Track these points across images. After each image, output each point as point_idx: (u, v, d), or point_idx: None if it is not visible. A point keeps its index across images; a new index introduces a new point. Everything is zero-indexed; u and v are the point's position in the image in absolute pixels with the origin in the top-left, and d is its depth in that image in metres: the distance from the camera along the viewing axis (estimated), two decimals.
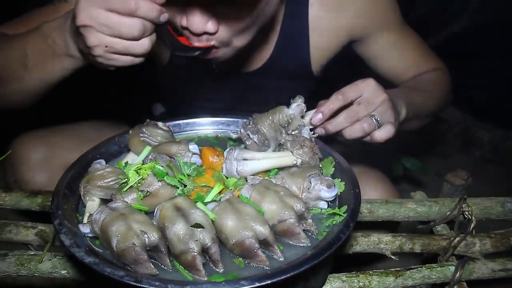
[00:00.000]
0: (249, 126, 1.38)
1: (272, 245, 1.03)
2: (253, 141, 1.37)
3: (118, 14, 1.11)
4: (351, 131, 1.33)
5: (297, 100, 1.37)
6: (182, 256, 0.99)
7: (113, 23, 1.11)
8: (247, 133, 1.38)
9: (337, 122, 1.33)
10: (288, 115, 1.35)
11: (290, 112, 1.35)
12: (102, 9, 1.10)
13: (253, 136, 1.37)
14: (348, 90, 1.34)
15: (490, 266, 1.31)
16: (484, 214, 1.47)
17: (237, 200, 1.11)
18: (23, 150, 1.81)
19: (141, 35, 1.15)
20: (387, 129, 1.33)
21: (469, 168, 1.65)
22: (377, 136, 1.33)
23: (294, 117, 1.35)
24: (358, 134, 1.32)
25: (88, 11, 1.11)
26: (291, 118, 1.35)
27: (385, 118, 1.35)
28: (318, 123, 1.35)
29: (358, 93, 1.33)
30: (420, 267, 1.27)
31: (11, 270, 1.21)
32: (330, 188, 1.16)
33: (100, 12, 1.10)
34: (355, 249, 1.35)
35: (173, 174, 1.18)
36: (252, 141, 1.37)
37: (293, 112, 1.35)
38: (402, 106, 1.46)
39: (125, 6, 1.10)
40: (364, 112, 1.32)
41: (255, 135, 1.36)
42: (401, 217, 1.45)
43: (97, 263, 0.94)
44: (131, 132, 1.41)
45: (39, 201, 1.44)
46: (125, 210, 1.06)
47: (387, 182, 1.88)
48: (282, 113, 1.36)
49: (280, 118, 1.36)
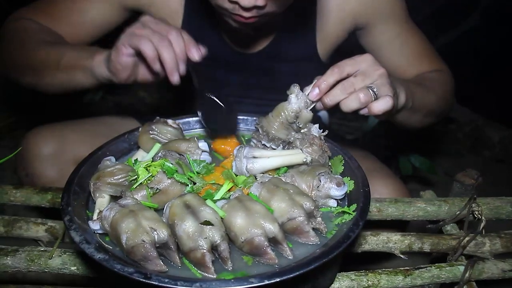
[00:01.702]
0: (259, 134, 1.37)
1: (281, 243, 1.03)
2: (271, 147, 1.36)
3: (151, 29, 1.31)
4: (348, 102, 1.27)
5: (293, 91, 1.33)
6: (191, 254, 0.99)
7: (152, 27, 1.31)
8: (262, 143, 1.37)
9: (333, 94, 1.29)
10: (293, 110, 1.33)
11: (294, 107, 1.33)
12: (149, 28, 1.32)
13: (269, 144, 1.35)
14: (344, 63, 1.31)
15: (500, 266, 1.30)
16: (494, 214, 1.46)
17: (246, 197, 1.10)
18: (35, 144, 1.82)
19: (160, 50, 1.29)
20: (385, 100, 1.26)
21: (479, 168, 1.64)
22: (374, 107, 1.27)
23: (300, 110, 1.34)
24: (355, 104, 1.27)
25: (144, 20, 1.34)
26: (297, 112, 1.34)
27: (382, 91, 1.30)
28: (315, 98, 1.32)
29: (355, 67, 1.30)
30: (430, 266, 1.26)
31: (21, 266, 1.22)
32: (340, 187, 1.16)
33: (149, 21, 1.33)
34: (364, 248, 1.35)
35: (183, 172, 1.19)
36: (270, 149, 1.36)
37: (296, 106, 1.33)
38: (401, 91, 1.43)
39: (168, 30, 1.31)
40: (360, 84, 1.28)
41: (270, 142, 1.35)
42: (410, 216, 1.45)
43: (107, 260, 0.95)
44: (141, 129, 1.41)
45: (49, 197, 1.45)
46: (135, 207, 1.06)
47: (397, 180, 1.87)
48: (286, 111, 1.34)
49: (287, 116, 1.34)
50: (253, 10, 1.44)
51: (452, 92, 1.89)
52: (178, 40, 1.30)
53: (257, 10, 1.44)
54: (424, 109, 1.66)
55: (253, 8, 1.43)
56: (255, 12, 1.44)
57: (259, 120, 1.40)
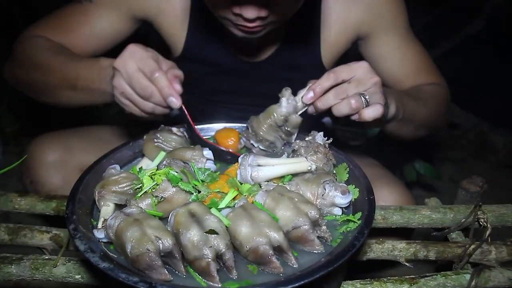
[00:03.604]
0: (249, 133, 1.39)
1: (286, 251, 1.02)
2: (259, 148, 1.38)
3: (143, 74, 1.30)
4: (339, 107, 1.31)
5: (285, 94, 1.38)
6: (196, 262, 0.99)
7: (135, 78, 1.30)
8: (251, 142, 1.39)
9: (326, 99, 1.32)
10: (283, 114, 1.37)
11: (283, 110, 1.36)
12: (135, 64, 1.30)
13: (257, 144, 1.38)
14: (340, 69, 1.33)
15: (506, 275, 1.30)
16: (500, 221, 1.45)
17: (251, 206, 1.10)
18: (40, 151, 1.83)
19: (149, 98, 1.32)
20: (375, 108, 1.29)
21: (484, 174, 1.64)
22: (365, 114, 1.30)
23: (289, 114, 1.36)
24: (346, 110, 1.30)
25: (126, 60, 1.31)
26: (286, 116, 1.36)
27: (374, 98, 1.33)
28: (309, 101, 1.35)
29: (350, 73, 1.33)
30: (435, 274, 1.25)
31: (25, 274, 1.22)
32: (345, 195, 1.16)
33: (131, 66, 1.30)
34: (369, 256, 1.34)
35: (188, 180, 1.18)
36: (258, 149, 1.38)
37: (286, 110, 1.36)
38: (392, 102, 1.45)
39: (151, 72, 1.30)
40: (353, 90, 1.31)
41: (258, 142, 1.37)
42: (415, 224, 1.44)
43: (112, 269, 0.95)
44: (145, 137, 1.41)
45: (54, 205, 1.45)
46: (140, 215, 1.06)
47: (402, 186, 1.86)
48: (275, 114, 1.38)
49: (276, 119, 1.38)
50: (257, 21, 1.45)
51: (446, 106, 1.89)
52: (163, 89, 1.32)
53: (261, 20, 1.46)
54: (416, 121, 1.67)
55: (257, 19, 1.44)
56: (259, 22, 1.46)
57: (251, 119, 1.42)
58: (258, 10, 1.41)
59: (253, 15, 1.41)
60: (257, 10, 1.41)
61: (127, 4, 1.79)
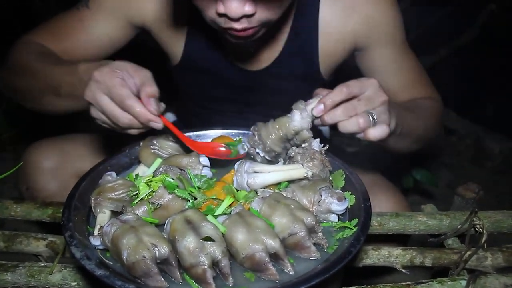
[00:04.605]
0: (256, 141, 1.38)
1: (283, 258, 1.02)
2: (264, 158, 1.37)
3: (115, 104, 1.25)
4: (346, 124, 1.30)
5: (299, 107, 1.35)
6: (192, 269, 0.99)
7: (108, 110, 1.26)
8: (256, 151, 1.38)
9: (334, 114, 1.31)
10: (295, 129, 1.35)
11: (297, 125, 1.34)
12: (105, 96, 1.25)
13: (263, 154, 1.37)
14: (353, 84, 1.32)
15: (502, 281, 1.29)
16: (496, 227, 1.45)
17: (247, 213, 1.10)
18: (36, 158, 1.83)
19: (127, 127, 1.29)
20: (382, 128, 1.30)
21: (480, 180, 1.65)
22: (371, 133, 1.30)
23: (302, 130, 1.35)
24: (353, 128, 1.30)
25: (95, 93, 1.26)
26: (297, 131, 1.35)
27: (381, 118, 1.33)
28: (319, 114, 1.34)
29: (361, 89, 1.32)
30: (431, 281, 1.25)
31: (21, 282, 1.21)
32: (341, 201, 1.16)
33: (103, 98, 1.25)
34: (366, 262, 1.34)
35: (184, 187, 1.19)
36: (263, 158, 1.38)
37: (299, 125, 1.34)
38: (393, 117, 1.45)
39: (122, 102, 1.24)
40: (362, 108, 1.30)
41: (265, 152, 1.36)
42: (412, 230, 1.44)
43: (108, 276, 0.95)
44: (142, 144, 1.41)
45: (50, 212, 1.45)
46: (136, 222, 1.06)
47: (398, 193, 1.87)
48: (287, 127, 1.35)
49: (287, 132, 1.36)
50: (243, 20, 1.38)
51: (440, 120, 1.90)
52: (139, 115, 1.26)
53: (247, 19, 1.39)
54: (412, 135, 1.67)
55: (242, 17, 1.38)
56: (246, 21, 1.39)
57: (258, 126, 1.40)
58: (242, 6, 1.33)
59: (237, 13, 1.34)
60: (241, 5, 1.33)
61: (124, 11, 1.78)
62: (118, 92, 1.24)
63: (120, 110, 1.25)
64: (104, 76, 1.25)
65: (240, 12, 1.33)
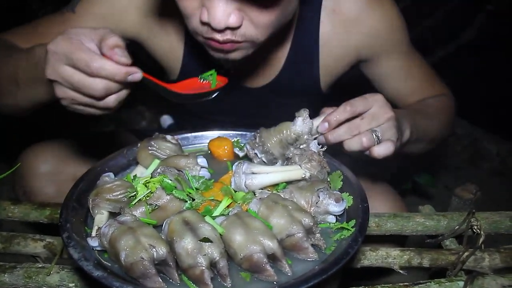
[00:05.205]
0: (256, 143, 1.38)
1: (280, 259, 1.02)
2: (262, 160, 1.37)
3: (81, 72, 1.11)
4: (350, 144, 1.32)
5: (302, 114, 1.36)
6: (190, 270, 0.99)
7: (76, 81, 1.11)
8: (254, 152, 1.39)
9: (338, 133, 1.32)
10: (296, 133, 1.35)
11: (298, 129, 1.35)
12: (68, 66, 1.11)
13: (261, 156, 1.37)
14: (357, 102, 1.32)
15: (499, 282, 1.30)
16: (493, 228, 1.46)
17: (245, 214, 1.11)
18: (32, 161, 1.81)
19: (104, 94, 1.15)
20: (386, 146, 1.31)
21: (477, 181, 1.64)
22: (375, 151, 1.32)
23: (302, 134, 1.35)
24: (356, 147, 1.31)
25: (55, 67, 1.12)
26: (298, 136, 1.35)
27: (387, 135, 1.34)
28: (323, 132, 1.35)
29: (366, 106, 1.32)
30: (429, 282, 1.25)
31: (19, 283, 1.21)
32: (339, 202, 1.16)
33: (65, 69, 1.11)
34: (363, 263, 1.34)
35: (182, 188, 1.19)
36: (260, 160, 1.38)
37: (300, 129, 1.35)
38: (406, 127, 1.45)
39: (88, 67, 1.09)
40: (366, 127, 1.32)
41: (263, 154, 1.37)
42: (409, 231, 1.44)
43: (106, 277, 0.95)
44: (140, 145, 1.41)
45: (48, 213, 1.45)
46: (134, 223, 1.06)
47: (395, 195, 1.87)
48: (289, 131, 1.36)
49: (287, 136, 1.36)
50: (227, 31, 1.33)
51: (453, 116, 1.90)
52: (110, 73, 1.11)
53: (231, 32, 1.33)
54: (427, 138, 1.67)
55: (226, 29, 1.32)
56: (229, 33, 1.33)
57: (260, 130, 1.41)
58: (227, 16, 1.28)
59: (221, 23, 1.28)
60: (225, 15, 1.27)
61: (115, 21, 1.70)
62: (80, 57, 1.09)
63: (88, 78, 1.11)
64: (60, 46, 1.12)
65: (224, 23, 1.28)
